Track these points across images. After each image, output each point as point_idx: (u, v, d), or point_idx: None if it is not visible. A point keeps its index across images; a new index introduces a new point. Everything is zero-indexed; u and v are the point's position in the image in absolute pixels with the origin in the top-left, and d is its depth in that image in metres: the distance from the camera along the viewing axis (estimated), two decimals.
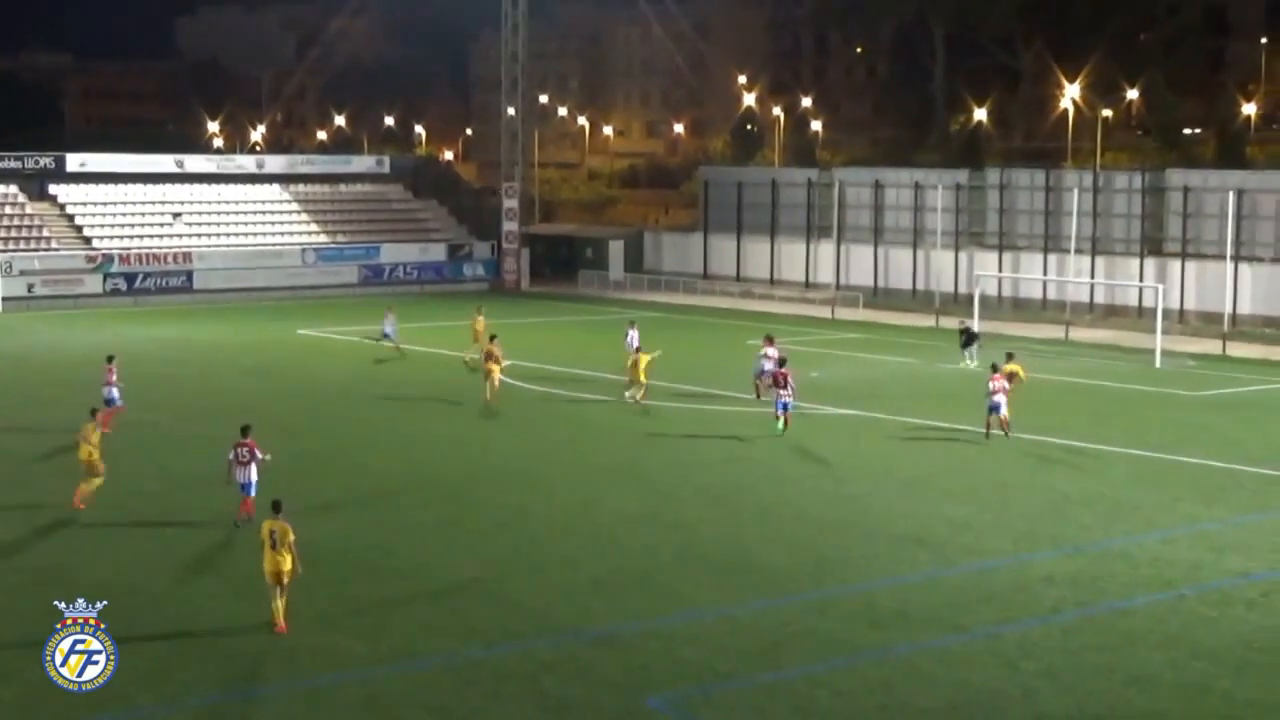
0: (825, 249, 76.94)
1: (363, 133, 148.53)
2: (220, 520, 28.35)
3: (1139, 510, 30.82)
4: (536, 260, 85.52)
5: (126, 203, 78.72)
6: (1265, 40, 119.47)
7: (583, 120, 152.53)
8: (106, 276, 72.43)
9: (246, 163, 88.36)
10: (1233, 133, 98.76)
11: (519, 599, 24.17)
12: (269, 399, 43.49)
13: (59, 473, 31.85)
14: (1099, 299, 68.34)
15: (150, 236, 76.42)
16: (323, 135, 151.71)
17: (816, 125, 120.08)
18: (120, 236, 75.68)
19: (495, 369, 42.39)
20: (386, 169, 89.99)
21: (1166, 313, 58.35)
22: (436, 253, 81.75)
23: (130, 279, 72.89)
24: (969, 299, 60.76)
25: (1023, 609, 23.92)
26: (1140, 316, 64.80)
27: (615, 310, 69.92)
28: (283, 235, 79.99)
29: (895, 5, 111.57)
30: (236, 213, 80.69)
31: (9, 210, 75.00)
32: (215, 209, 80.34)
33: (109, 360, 38.75)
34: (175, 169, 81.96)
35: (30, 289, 70.28)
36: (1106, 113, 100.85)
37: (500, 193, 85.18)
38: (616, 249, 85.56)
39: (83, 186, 78.50)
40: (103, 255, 72.95)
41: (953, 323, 58.28)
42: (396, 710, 19.57)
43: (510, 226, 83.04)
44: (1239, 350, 56.87)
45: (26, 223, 74.68)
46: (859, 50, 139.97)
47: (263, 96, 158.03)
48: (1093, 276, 67.89)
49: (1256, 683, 20.83)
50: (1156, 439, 38.56)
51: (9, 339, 58.48)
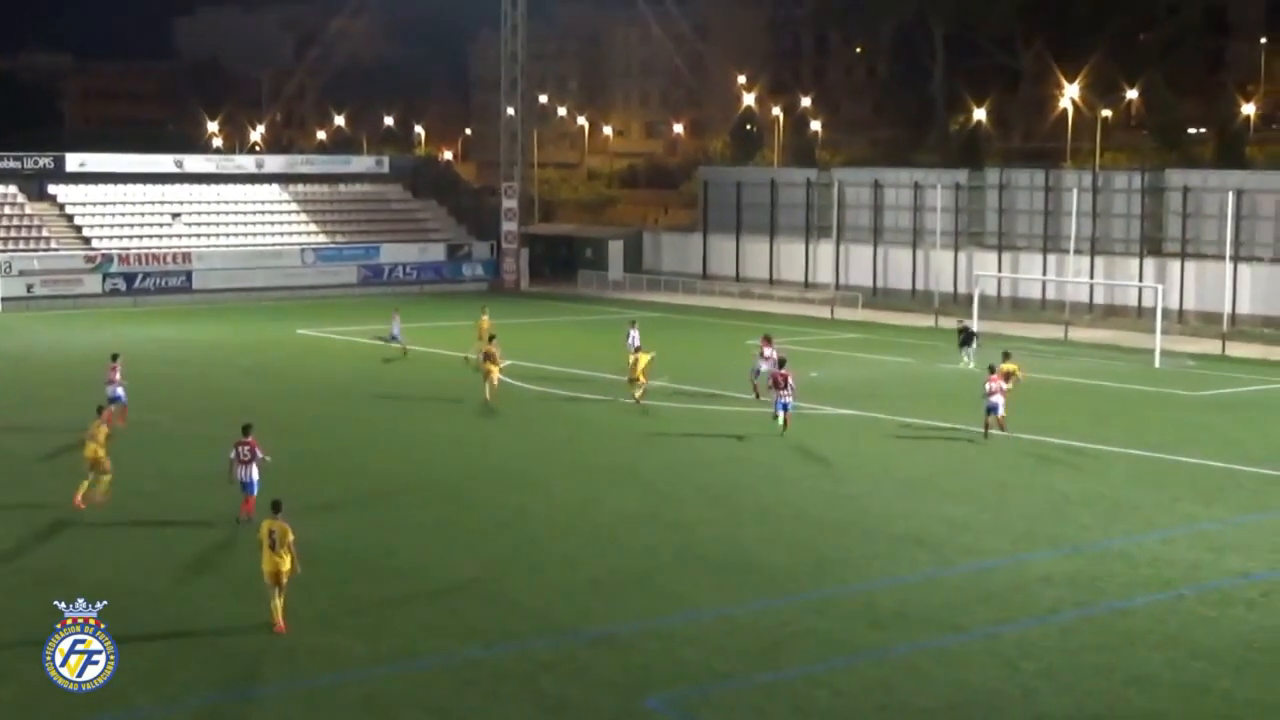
0: (824, 249, 76.94)
1: (362, 133, 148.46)
2: (220, 520, 28.38)
3: (1138, 510, 30.84)
4: (536, 260, 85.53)
5: (126, 203, 78.72)
6: (1265, 40, 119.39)
7: (582, 120, 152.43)
8: (106, 277, 72.43)
9: (246, 163, 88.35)
10: (1232, 133, 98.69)
11: (518, 599, 24.18)
12: (268, 399, 43.49)
13: (59, 473, 31.90)
14: (1098, 299, 68.34)
15: (149, 237, 76.41)
16: (322, 135, 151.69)
17: (816, 125, 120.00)
18: (119, 237, 75.67)
19: (494, 369, 42.55)
20: (386, 169, 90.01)
21: (1166, 313, 58.34)
22: (436, 253, 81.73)
23: (129, 279, 72.88)
24: (968, 299, 60.77)
25: (1021, 609, 23.93)
26: (1139, 316, 64.82)
27: (614, 310, 69.93)
28: (282, 235, 79.99)
29: (895, 5, 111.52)
30: (236, 213, 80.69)
31: (8, 210, 74.98)
32: (214, 209, 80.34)
33: (114, 358, 38.86)
34: (174, 169, 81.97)
35: (29, 289, 70.28)
36: (1106, 113, 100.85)
37: (499, 193, 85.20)
38: (616, 249, 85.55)
39: (82, 187, 78.48)
40: (102, 255, 72.95)
41: (952, 323, 58.30)
42: (395, 710, 19.58)
43: (509, 226, 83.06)
44: (1238, 350, 56.89)
45: (26, 223, 74.66)
46: (859, 50, 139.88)
47: (262, 97, 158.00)
48: (1092, 276, 67.89)
49: (1256, 683, 20.84)
50: (1156, 439, 38.58)
51: (8, 339, 58.49)
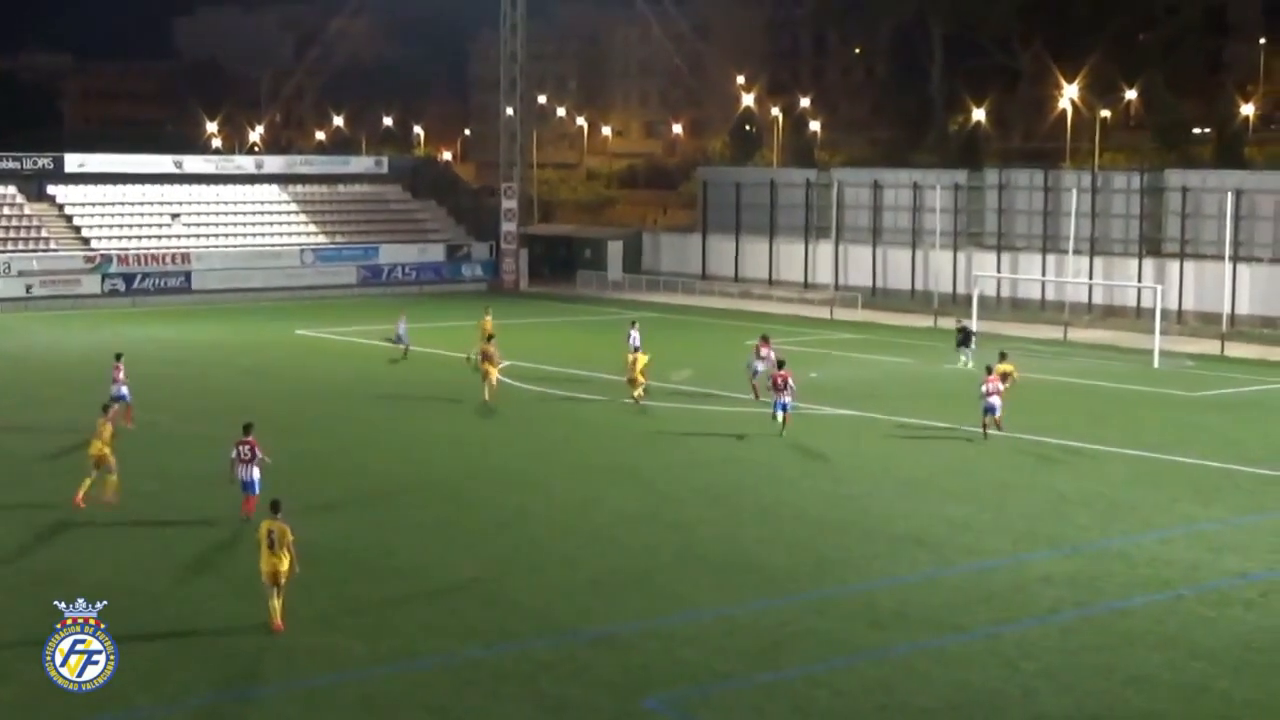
0: (824, 249, 76.96)
1: (361, 133, 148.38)
2: (220, 520, 28.39)
3: (1137, 510, 30.85)
4: (535, 261, 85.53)
5: (125, 203, 78.71)
6: (1264, 40, 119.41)
7: (581, 121, 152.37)
8: (105, 277, 72.43)
9: (245, 163, 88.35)
10: (1231, 133, 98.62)
11: (518, 599, 24.19)
12: (268, 399, 43.48)
13: (59, 473, 31.93)
14: (1097, 299, 68.36)
15: (149, 237, 76.40)
16: (321, 136, 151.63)
17: (815, 125, 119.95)
18: (119, 237, 75.67)
19: (492, 369, 42.59)
20: (385, 169, 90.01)
21: (1165, 313, 58.34)
22: (435, 253, 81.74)
23: (129, 279, 72.88)
24: (967, 299, 60.81)
25: (1021, 609, 23.94)
26: (1138, 317, 64.85)
27: (614, 311, 69.93)
28: (281, 236, 79.99)
29: (894, 5, 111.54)
30: (235, 213, 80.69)
31: (7, 211, 74.96)
32: (214, 209, 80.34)
33: (117, 358, 38.94)
34: (174, 169, 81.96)
35: (29, 289, 70.30)
36: (1105, 113, 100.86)
37: (499, 193, 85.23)
38: (615, 249, 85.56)
39: (81, 187, 78.48)
40: (101, 256, 72.95)
41: (951, 323, 58.30)
42: (395, 710, 19.59)
43: (509, 227, 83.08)
44: (1237, 350, 56.91)
45: (25, 223, 74.64)
46: (857, 50, 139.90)
47: (261, 97, 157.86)
48: (1091, 277, 67.92)
49: (1254, 683, 20.85)
50: (1154, 439, 38.60)
51: (8, 339, 58.50)
